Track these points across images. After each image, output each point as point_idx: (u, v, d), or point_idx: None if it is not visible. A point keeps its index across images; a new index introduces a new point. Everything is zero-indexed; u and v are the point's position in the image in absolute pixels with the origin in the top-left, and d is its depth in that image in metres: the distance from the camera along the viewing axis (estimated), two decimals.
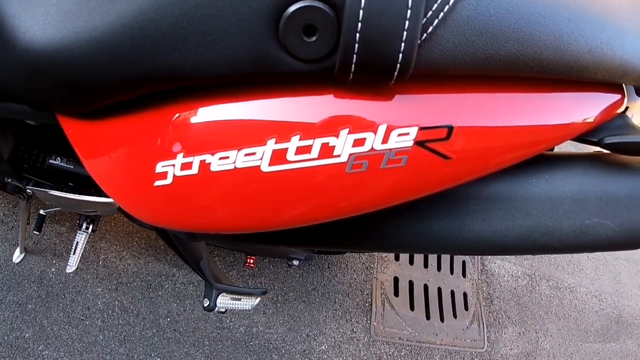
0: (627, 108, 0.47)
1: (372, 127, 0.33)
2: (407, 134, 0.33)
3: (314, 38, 0.30)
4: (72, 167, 0.90)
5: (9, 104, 0.49)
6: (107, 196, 0.84)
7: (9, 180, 0.90)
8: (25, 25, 0.36)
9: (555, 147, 0.60)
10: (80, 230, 1.12)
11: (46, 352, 1.17)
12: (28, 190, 0.92)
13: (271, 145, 0.34)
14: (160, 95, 0.37)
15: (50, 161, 0.89)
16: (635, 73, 0.38)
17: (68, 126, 0.44)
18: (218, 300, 0.80)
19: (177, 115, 0.37)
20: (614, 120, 0.42)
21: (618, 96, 0.41)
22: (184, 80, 0.34)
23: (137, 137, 0.39)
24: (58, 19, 0.35)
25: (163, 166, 0.38)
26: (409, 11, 0.28)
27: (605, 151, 0.43)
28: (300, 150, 0.34)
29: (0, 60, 0.39)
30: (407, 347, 1.57)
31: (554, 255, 2.13)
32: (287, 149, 0.34)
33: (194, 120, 0.36)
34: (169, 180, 0.38)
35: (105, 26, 0.33)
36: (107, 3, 0.33)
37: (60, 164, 0.89)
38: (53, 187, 0.91)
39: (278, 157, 0.34)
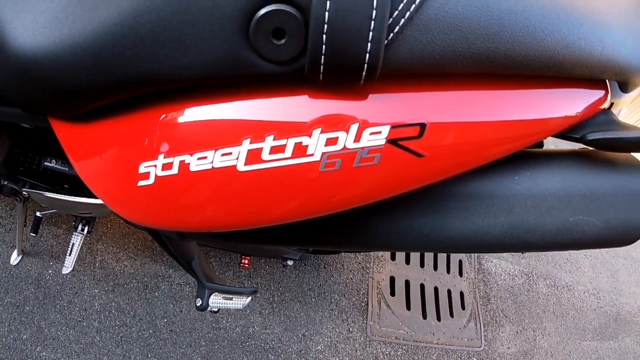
0: (612, 104, 0.47)
1: (344, 126, 0.34)
2: (380, 132, 0.34)
3: (283, 41, 0.31)
4: (66, 169, 0.90)
5: (2, 108, 0.50)
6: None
7: (5, 182, 0.91)
8: (16, 31, 0.37)
9: (545, 145, 0.60)
10: (76, 231, 1.12)
11: (44, 353, 1.17)
12: (24, 193, 0.92)
13: (246, 145, 0.35)
14: (144, 98, 0.38)
15: (46, 163, 0.89)
16: (617, 68, 0.38)
17: (59, 129, 0.45)
18: (210, 300, 0.80)
19: (161, 117, 0.37)
20: (597, 117, 0.42)
21: (601, 92, 0.41)
22: (163, 84, 0.35)
23: (122, 139, 0.40)
24: (46, 25, 0.36)
25: (145, 166, 0.38)
26: (374, 11, 0.29)
27: (589, 148, 0.43)
28: (274, 150, 0.34)
29: None
30: (404, 347, 1.58)
31: (551, 253, 2.14)
32: (261, 148, 0.34)
33: (175, 122, 0.37)
34: (151, 180, 0.38)
35: (88, 33, 0.34)
36: (91, 11, 0.34)
37: (55, 166, 0.90)
38: (48, 189, 0.92)
39: (253, 156, 0.35)
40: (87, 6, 0.34)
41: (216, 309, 0.83)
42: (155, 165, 0.38)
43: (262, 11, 0.30)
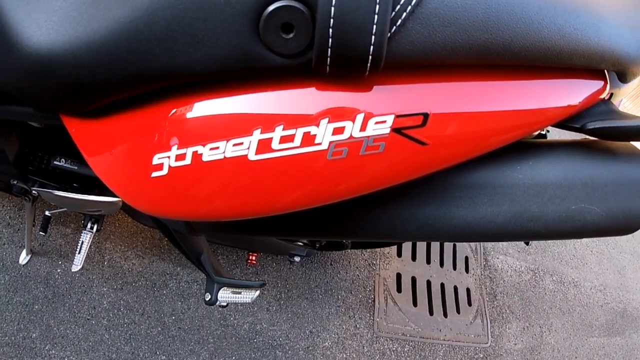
0: (612, 94, 0.47)
1: (351, 116, 0.35)
2: (384, 121, 0.35)
3: (291, 35, 0.32)
4: (76, 167, 0.91)
5: (14, 107, 0.51)
6: (110, 195, 0.86)
7: (15, 182, 0.92)
8: (29, 31, 0.38)
9: (548, 136, 0.61)
10: (85, 229, 1.13)
11: (53, 351, 1.19)
12: (33, 192, 0.94)
13: (257, 135, 0.36)
14: (157, 93, 0.39)
15: (55, 162, 0.91)
16: (614, 58, 0.39)
17: (71, 126, 0.46)
18: (219, 294, 0.81)
19: (173, 110, 0.39)
20: (597, 107, 0.43)
21: (600, 82, 0.42)
22: (176, 78, 0.36)
23: (136, 132, 0.41)
24: (60, 24, 0.37)
25: (159, 158, 0.40)
26: (377, 6, 0.30)
27: (590, 138, 0.43)
28: (283, 140, 0.36)
29: (7, 65, 0.41)
30: (411, 343, 1.58)
31: (557, 249, 2.13)
32: (271, 138, 0.36)
33: (188, 114, 0.38)
34: (164, 171, 0.40)
35: (104, 31, 0.35)
36: (105, 9, 0.36)
37: (65, 165, 0.91)
38: (58, 188, 0.93)
39: (263, 146, 0.36)
40: (102, 5, 0.36)
41: (225, 304, 0.84)
42: (168, 157, 0.39)
43: (272, 7, 0.31)
